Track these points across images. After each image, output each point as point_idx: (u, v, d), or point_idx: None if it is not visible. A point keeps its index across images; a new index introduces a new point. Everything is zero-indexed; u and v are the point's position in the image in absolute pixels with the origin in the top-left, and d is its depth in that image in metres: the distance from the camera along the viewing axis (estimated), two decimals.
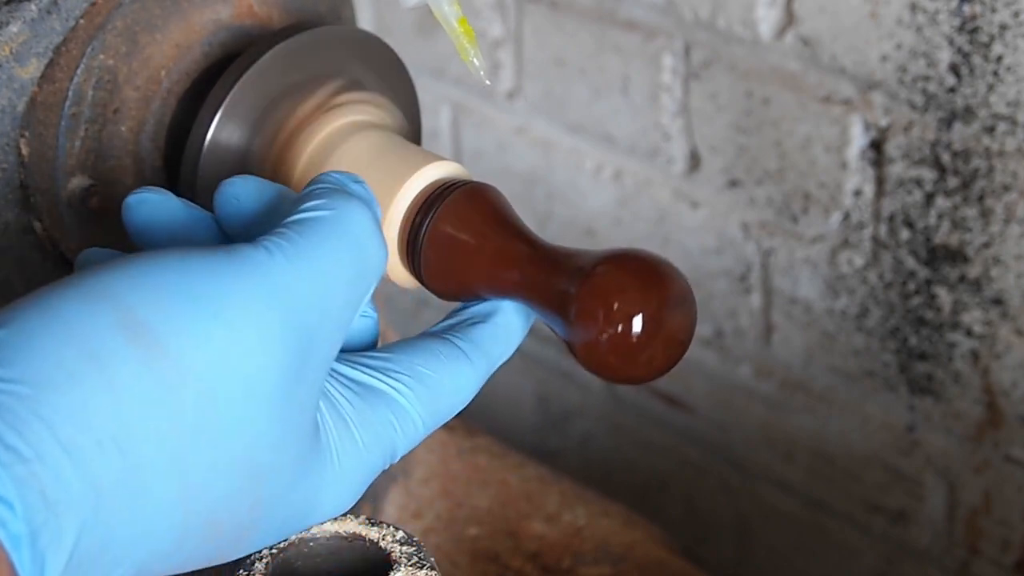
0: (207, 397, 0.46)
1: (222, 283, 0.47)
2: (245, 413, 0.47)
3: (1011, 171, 0.81)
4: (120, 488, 0.44)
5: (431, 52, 1.09)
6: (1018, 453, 0.87)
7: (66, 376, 0.44)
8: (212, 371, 0.46)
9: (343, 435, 0.51)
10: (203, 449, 0.46)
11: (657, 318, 0.52)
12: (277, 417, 0.47)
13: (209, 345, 0.46)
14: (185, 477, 0.46)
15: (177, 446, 0.45)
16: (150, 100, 0.62)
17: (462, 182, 0.57)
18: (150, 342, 0.45)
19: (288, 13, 0.65)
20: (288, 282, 0.48)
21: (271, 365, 0.47)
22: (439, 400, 0.53)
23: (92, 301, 0.45)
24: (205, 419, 0.46)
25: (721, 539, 1.04)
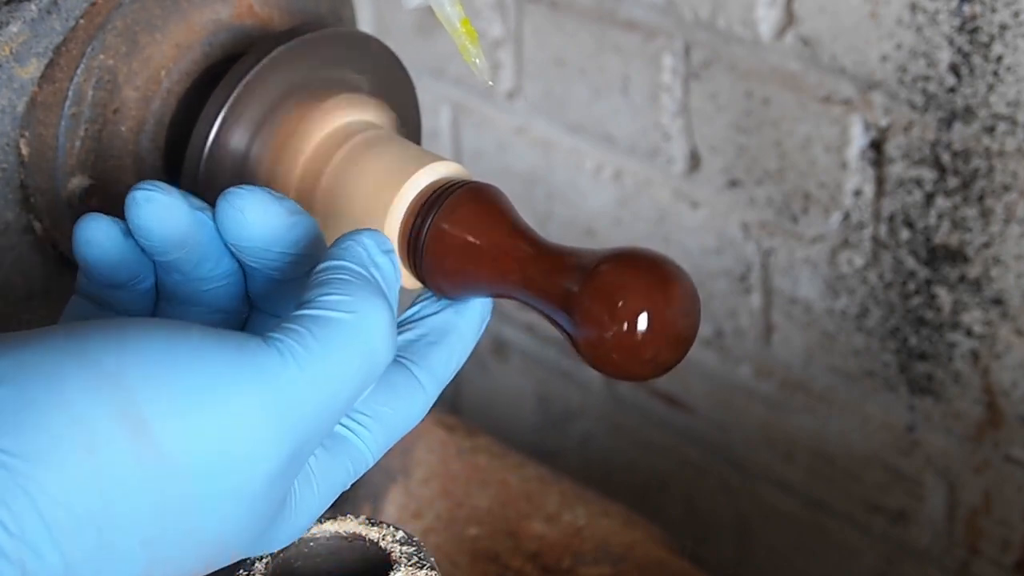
0: (192, 494, 0.46)
1: (228, 382, 0.47)
2: (228, 509, 0.47)
3: (1011, 171, 0.81)
4: (90, 562, 0.45)
5: (431, 52, 1.09)
6: (1018, 453, 0.87)
7: (59, 456, 0.45)
8: (201, 470, 0.46)
9: (305, 493, 0.51)
10: (178, 535, 0.47)
11: (661, 316, 0.52)
12: (258, 511, 0.48)
13: (203, 445, 0.46)
14: (155, 553, 0.46)
15: (153, 532, 0.46)
16: (150, 100, 0.62)
17: (463, 182, 0.57)
18: (144, 431, 0.45)
19: (288, 14, 0.65)
20: (297, 394, 0.48)
21: (261, 471, 0.47)
22: (393, 435, 0.53)
23: (94, 378, 0.46)
24: (186, 512, 0.46)
25: (721, 539, 1.04)
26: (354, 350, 0.48)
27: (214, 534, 0.47)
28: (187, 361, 0.46)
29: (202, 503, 0.47)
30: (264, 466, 0.47)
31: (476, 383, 1.17)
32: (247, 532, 0.48)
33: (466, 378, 1.18)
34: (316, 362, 0.48)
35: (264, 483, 0.47)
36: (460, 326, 0.55)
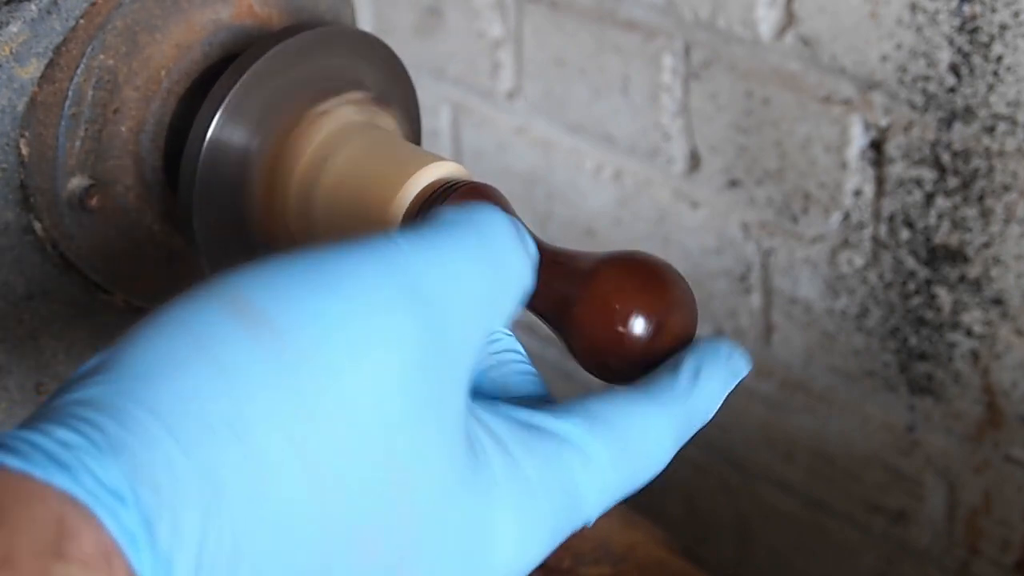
0: (326, 376, 0.41)
1: (340, 263, 0.42)
2: (372, 395, 0.41)
3: (1011, 171, 0.81)
4: (241, 478, 0.39)
5: (431, 52, 1.09)
6: (1018, 453, 0.87)
7: (173, 365, 0.40)
8: (329, 347, 0.41)
9: (501, 457, 0.45)
10: (329, 435, 0.41)
11: (658, 320, 0.52)
12: (412, 406, 0.42)
13: (324, 319, 0.41)
14: (314, 469, 0.40)
15: (299, 430, 0.40)
16: (150, 100, 0.62)
17: (462, 182, 0.57)
18: (260, 321, 0.41)
19: (288, 13, 0.65)
20: (415, 267, 0.43)
21: (398, 345, 0.42)
22: (624, 440, 0.47)
23: (206, 296, 0.42)
24: (327, 400, 0.41)
25: (721, 539, 1.04)
26: (475, 240, 0.45)
27: (378, 440, 0.42)
28: (296, 258, 0.43)
29: (342, 387, 0.41)
30: (397, 339, 0.42)
31: None
32: (423, 449, 0.43)
33: None
34: (434, 245, 0.44)
35: (406, 363, 0.42)
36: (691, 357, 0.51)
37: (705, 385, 0.50)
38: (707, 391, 0.50)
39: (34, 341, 0.64)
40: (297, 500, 0.40)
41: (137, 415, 0.39)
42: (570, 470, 0.46)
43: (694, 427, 0.49)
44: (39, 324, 0.63)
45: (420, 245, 0.44)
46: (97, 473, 0.38)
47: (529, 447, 0.46)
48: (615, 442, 0.47)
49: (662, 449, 0.48)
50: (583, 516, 0.47)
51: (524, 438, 0.46)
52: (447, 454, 0.43)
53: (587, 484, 0.47)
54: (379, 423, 0.41)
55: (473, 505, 0.44)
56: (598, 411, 0.47)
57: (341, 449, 0.41)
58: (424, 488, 0.42)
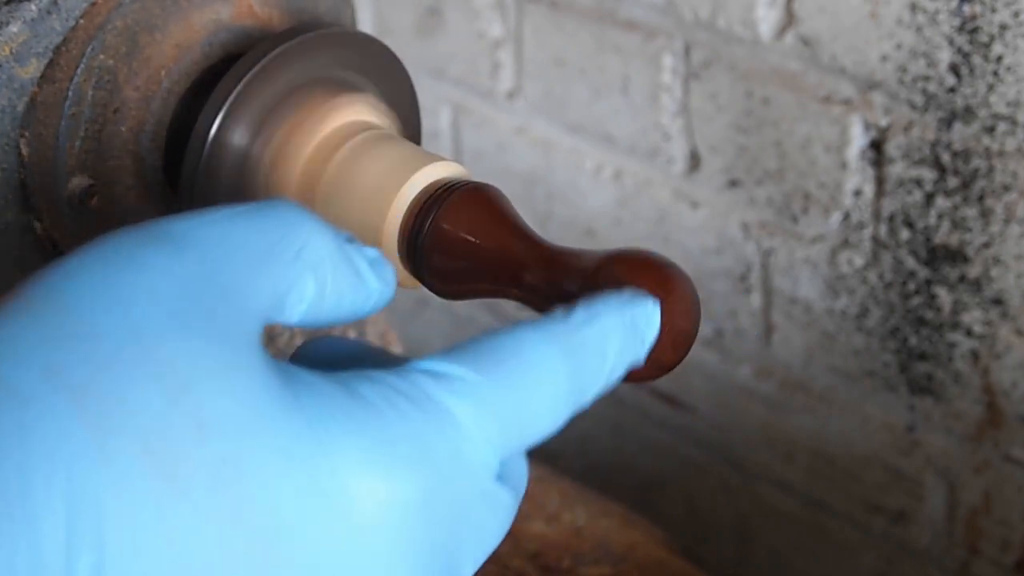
0: (85, 310, 0.40)
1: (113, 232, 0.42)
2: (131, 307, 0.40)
3: (1011, 171, 0.81)
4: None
5: (431, 52, 1.09)
6: (1018, 453, 0.87)
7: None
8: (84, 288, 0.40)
9: (329, 385, 0.41)
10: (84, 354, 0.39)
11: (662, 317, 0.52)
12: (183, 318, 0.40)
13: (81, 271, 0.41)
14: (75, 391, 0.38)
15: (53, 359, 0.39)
16: (150, 100, 0.62)
17: (463, 182, 0.57)
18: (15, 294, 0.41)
19: (288, 14, 0.65)
20: (169, 221, 0.42)
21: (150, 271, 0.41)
22: (496, 359, 0.43)
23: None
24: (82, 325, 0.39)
25: (721, 539, 1.04)
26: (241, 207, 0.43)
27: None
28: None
29: None
30: (149, 274, 0.40)
31: None
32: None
33: None
34: (196, 210, 0.43)
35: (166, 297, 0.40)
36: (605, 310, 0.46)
37: (598, 321, 0.46)
38: (600, 327, 0.46)
39: None
40: (60, 429, 0.38)
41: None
42: (426, 389, 0.42)
43: (587, 363, 0.45)
44: None
45: (185, 213, 0.43)
46: None
47: (373, 381, 0.41)
48: (485, 359, 0.43)
49: (549, 372, 0.44)
50: (464, 437, 0.42)
51: (369, 375, 0.42)
52: (240, 375, 0.39)
53: (452, 401, 0.42)
54: (131, 335, 0.39)
55: (296, 431, 0.40)
56: (461, 344, 0.43)
57: (100, 367, 0.39)
58: (215, 410, 0.39)
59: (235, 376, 0.39)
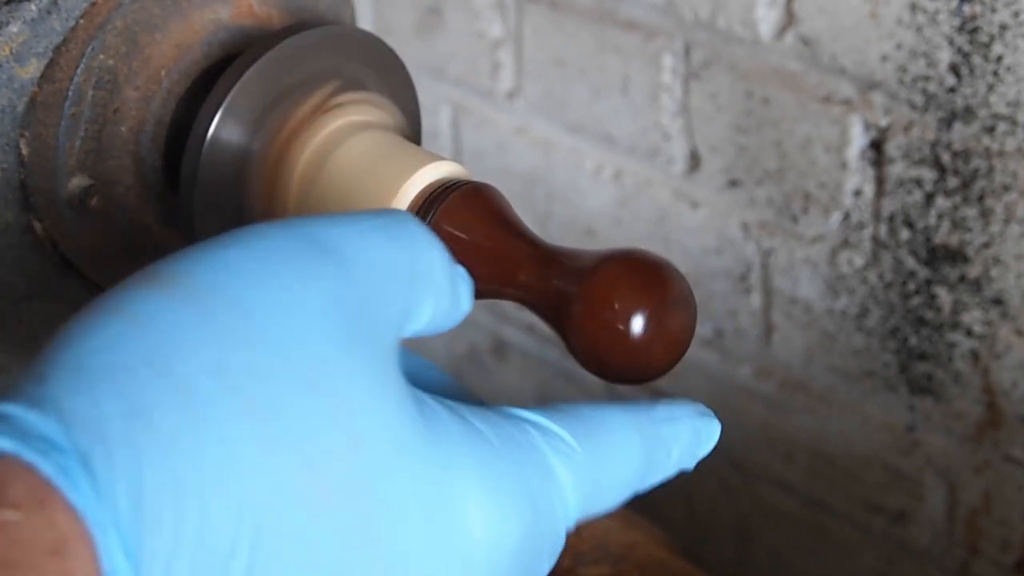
0: (237, 312, 0.41)
1: (246, 231, 0.43)
2: (288, 323, 0.41)
3: (1011, 171, 0.81)
4: (170, 412, 0.39)
5: (431, 52, 1.09)
6: (1018, 453, 0.87)
7: (86, 326, 0.41)
8: (235, 288, 0.41)
9: (455, 419, 0.43)
10: (250, 361, 0.40)
11: (657, 318, 0.52)
12: (336, 337, 0.41)
13: (227, 268, 0.42)
14: (241, 394, 0.40)
15: (220, 359, 0.40)
16: (150, 100, 0.62)
17: (462, 182, 0.57)
18: (171, 282, 0.42)
19: (288, 13, 0.65)
20: (314, 226, 0.43)
21: (302, 283, 0.42)
22: (592, 431, 0.45)
23: (128, 280, 0.42)
24: (242, 331, 0.41)
25: (721, 539, 1.04)
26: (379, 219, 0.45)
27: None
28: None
29: None
30: (303, 287, 0.42)
31: (476, 383, 1.17)
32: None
33: (466, 378, 1.18)
34: (338, 217, 0.44)
35: (320, 309, 0.41)
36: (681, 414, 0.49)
37: (676, 423, 0.49)
38: (675, 428, 0.49)
39: (34, 341, 0.64)
40: (232, 432, 0.39)
41: (54, 373, 0.40)
42: (534, 441, 0.45)
43: (657, 456, 0.48)
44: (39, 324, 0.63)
45: (324, 216, 0.44)
46: (22, 424, 0.39)
47: (485, 418, 0.44)
48: (581, 428, 0.46)
49: (629, 455, 0.47)
50: (560, 495, 0.45)
51: (478, 411, 0.44)
52: (388, 395, 0.41)
53: (556, 459, 0.45)
54: (302, 350, 0.41)
55: (428, 448, 0.42)
56: (555, 405, 0.46)
57: (269, 376, 0.40)
58: (369, 430, 0.41)
59: (385, 397, 0.41)
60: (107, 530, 0.38)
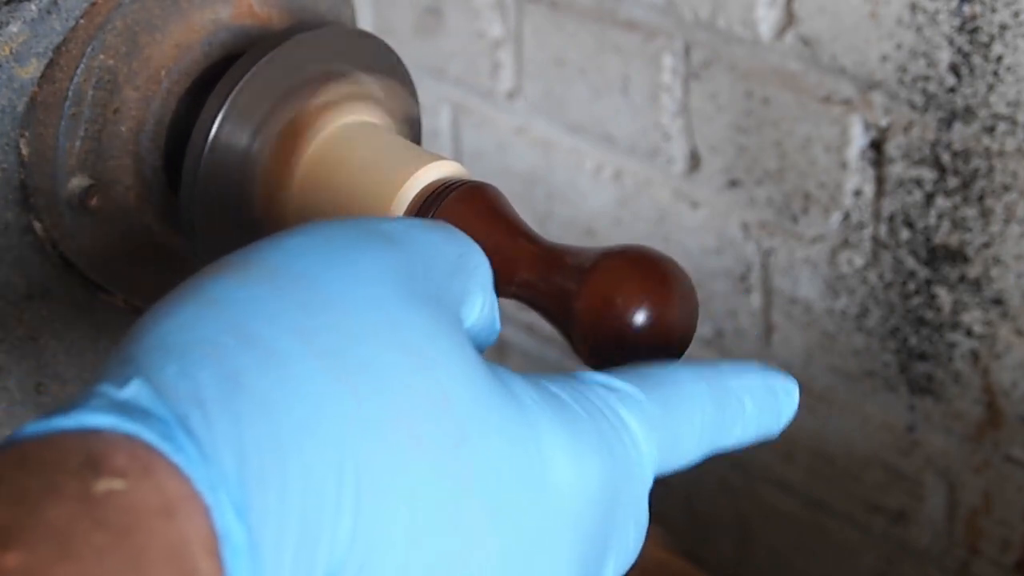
0: (317, 284, 0.42)
1: (313, 224, 0.45)
2: (367, 291, 0.43)
3: (1011, 171, 0.81)
4: (260, 376, 0.40)
5: (431, 52, 1.09)
6: (1018, 453, 0.87)
7: (170, 306, 0.42)
8: (313, 265, 0.43)
9: (529, 384, 0.44)
10: (335, 325, 0.41)
11: (659, 314, 0.52)
12: (413, 304, 0.43)
13: (302, 250, 0.43)
14: (330, 358, 0.41)
15: (305, 324, 0.41)
16: (150, 100, 0.62)
17: (462, 182, 0.57)
18: (247, 265, 0.43)
19: (288, 13, 0.65)
20: (378, 220, 0.46)
21: (373, 257, 0.44)
22: (660, 385, 0.47)
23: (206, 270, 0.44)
24: (323, 298, 0.42)
25: (721, 539, 1.04)
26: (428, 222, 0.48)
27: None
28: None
29: None
30: (376, 262, 0.43)
31: None
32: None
33: None
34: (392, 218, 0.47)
35: (394, 279, 0.43)
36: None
37: (744, 376, 0.49)
38: (744, 381, 0.49)
39: (34, 341, 0.64)
40: (323, 389, 0.40)
41: (140, 353, 0.40)
42: (603, 396, 0.46)
43: (729, 407, 0.48)
44: (39, 324, 0.63)
45: (378, 216, 0.45)
46: (115, 399, 0.39)
47: (554, 380, 0.46)
48: (648, 382, 0.47)
49: (699, 404, 0.48)
50: (634, 444, 0.46)
51: (546, 376, 0.46)
52: (466, 355, 0.43)
53: (625, 411, 0.46)
54: (377, 311, 0.42)
55: (507, 403, 0.43)
56: (625, 367, 0.48)
57: (351, 335, 0.41)
58: (453, 384, 0.42)
59: (466, 358, 0.43)
60: (216, 490, 0.38)
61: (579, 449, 0.44)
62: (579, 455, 0.44)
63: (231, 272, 0.42)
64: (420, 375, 0.41)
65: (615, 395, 0.46)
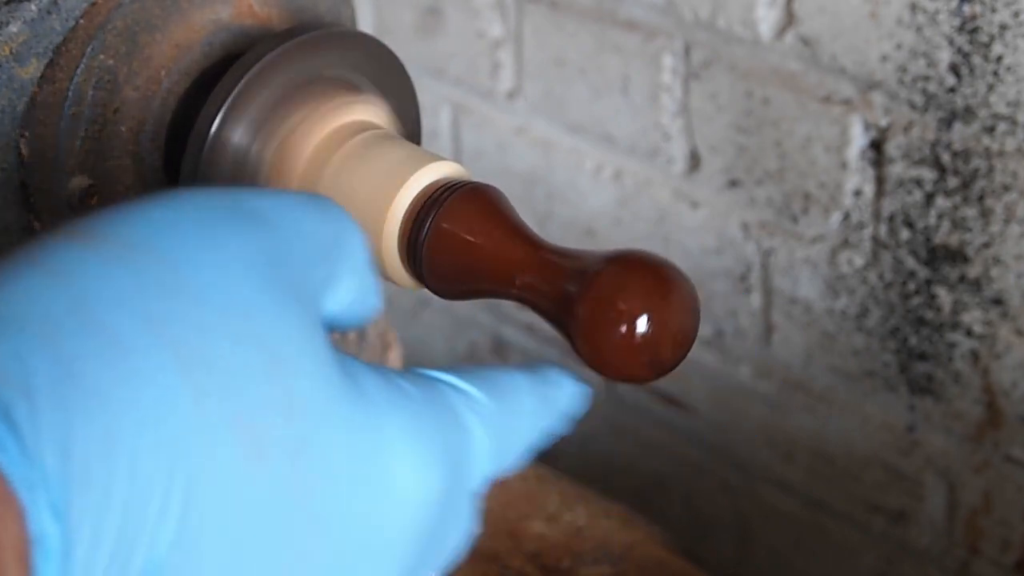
0: (164, 261, 0.40)
1: (168, 193, 0.42)
2: (216, 274, 0.40)
3: (1011, 171, 0.81)
4: (96, 361, 0.37)
5: (431, 52, 1.09)
6: (1018, 453, 0.87)
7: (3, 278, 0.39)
8: (161, 241, 0.40)
9: (374, 374, 0.43)
10: (182, 312, 0.39)
11: (661, 318, 0.52)
12: (265, 289, 0.41)
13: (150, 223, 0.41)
14: (174, 347, 0.38)
15: (149, 309, 0.39)
16: (150, 100, 0.62)
17: (463, 182, 0.57)
18: (91, 236, 0.40)
19: (288, 13, 0.65)
20: (237, 193, 0.43)
21: (226, 237, 0.41)
22: (497, 387, 0.47)
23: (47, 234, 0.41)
24: (171, 281, 0.39)
25: (721, 539, 1.04)
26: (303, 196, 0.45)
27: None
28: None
29: None
30: (228, 243, 0.41)
31: None
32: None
33: None
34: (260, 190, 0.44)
35: (246, 263, 0.41)
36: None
37: (562, 388, 0.50)
38: (561, 393, 0.50)
39: None
40: (163, 384, 0.38)
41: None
42: (448, 397, 0.45)
43: (550, 419, 0.49)
44: None
45: (250, 187, 0.43)
46: None
47: (405, 376, 0.44)
48: (488, 386, 0.46)
49: (531, 411, 0.48)
50: (474, 448, 0.45)
51: (398, 372, 0.45)
52: (318, 352, 0.41)
53: (469, 414, 0.45)
54: (232, 301, 0.40)
55: (356, 406, 0.41)
56: (467, 367, 0.47)
57: (202, 327, 0.39)
58: (301, 386, 0.40)
59: (318, 355, 0.41)
60: (35, 490, 0.36)
61: (423, 456, 0.43)
62: (423, 463, 0.43)
63: (82, 241, 0.40)
64: (268, 376, 0.39)
65: (462, 397, 0.45)
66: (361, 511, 0.41)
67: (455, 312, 1.16)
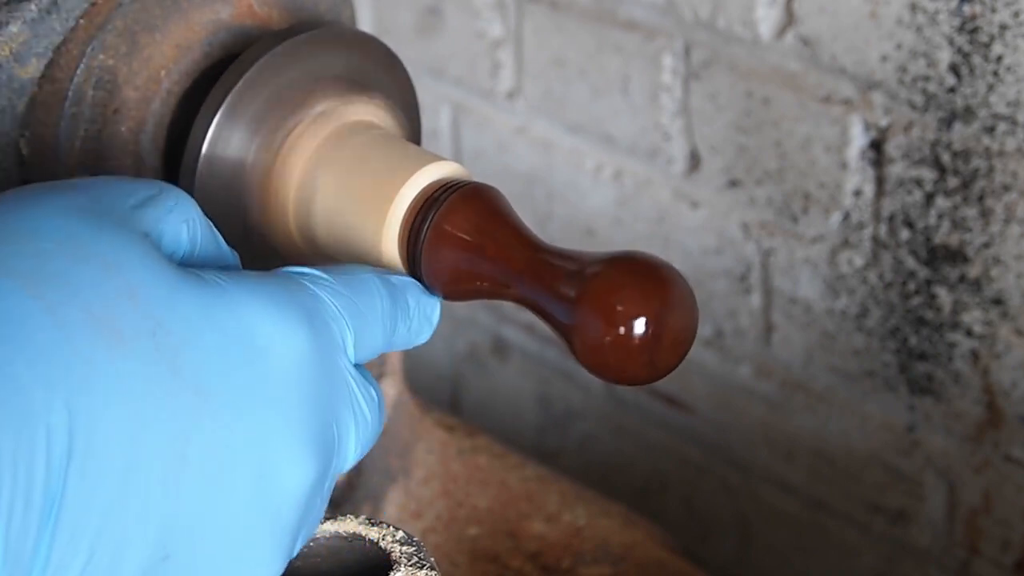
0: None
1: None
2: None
3: (1011, 171, 0.81)
4: None
5: (431, 52, 1.09)
6: (1018, 453, 0.87)
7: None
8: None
9: (228, 272, 0.49)
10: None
11: (659, 320, 0.52)
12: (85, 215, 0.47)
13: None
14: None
15: None
16: (150, 100, 0.62)
17: (462, 182, 0.57)
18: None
19: (288, 13, 0.65)
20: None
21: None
22: (345, 275, 0.52)
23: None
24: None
25: (721, 539, 1.04)
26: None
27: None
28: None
29: None
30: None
31: (476, 383, 1.17)
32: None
33: (466, 378, 1.18)
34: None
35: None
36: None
37: (408, 287, 0.55)
38: (405, 283, 0.55)
39: None
40: (14, 308, 0.43)
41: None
42: (297, 277, 0.50)
43: (402, 308, 0.54)
44: None
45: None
46: None
47: (255, 271, 0.50)
48: (337, 273, 0.52)
49: (378, 292, 0.52)
50: (337, 323, 0.50)
51: (248, 271, 0.50)
52: (148, 255, 0.46)
53: (323, 293, 0.50)
54: (63, 233, 0.46)
55: (202, 288, 0.47)
56: (315, 266, 0.53)
57: (29, 252, 0.44)
58: (141, 280, 0.45)
59: (152, 259, 0.46)
60: None
61: (282, 314, 0.48)
62: (282, 319, 0.48)
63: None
64: (107, 277, 0.45)
65: (305, 277, 0.51)
66: (238, 373, 0.46)
67: (455, 312, 1.16)
